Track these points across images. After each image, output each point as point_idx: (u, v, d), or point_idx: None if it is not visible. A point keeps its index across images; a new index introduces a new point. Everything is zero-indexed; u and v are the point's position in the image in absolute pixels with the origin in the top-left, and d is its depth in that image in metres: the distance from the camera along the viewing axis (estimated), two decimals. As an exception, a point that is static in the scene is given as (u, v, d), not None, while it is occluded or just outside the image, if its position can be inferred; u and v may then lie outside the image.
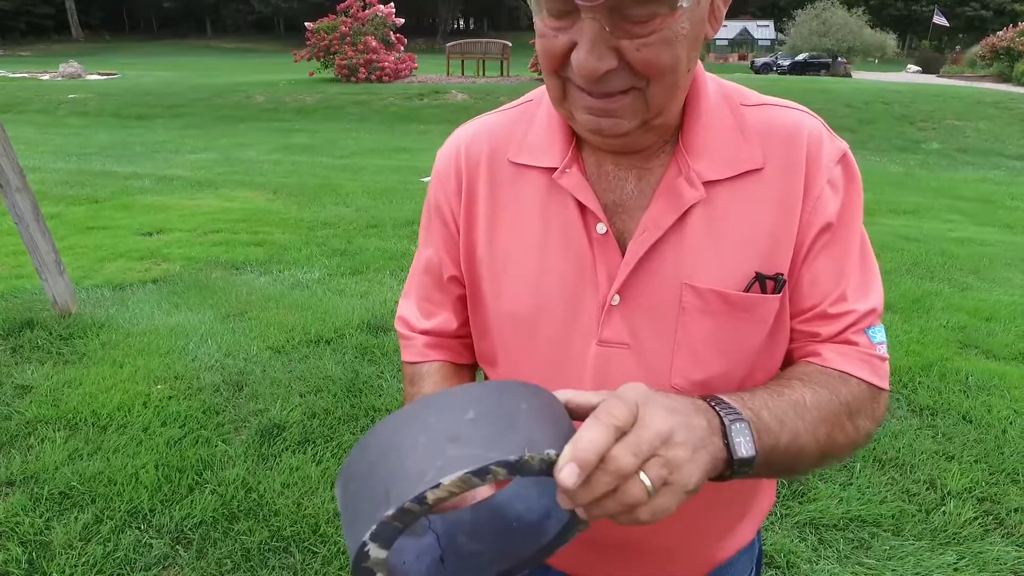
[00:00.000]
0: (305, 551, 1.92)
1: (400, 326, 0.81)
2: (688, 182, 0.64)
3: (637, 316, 0.65)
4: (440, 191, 0.75)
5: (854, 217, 0.67)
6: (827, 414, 0.61)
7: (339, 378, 2.86)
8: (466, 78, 17.18)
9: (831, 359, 0.65)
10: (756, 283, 0.64)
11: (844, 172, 0.66)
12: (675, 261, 0.64)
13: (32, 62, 30.31)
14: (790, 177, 0.64)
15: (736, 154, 0.64)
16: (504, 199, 0.71)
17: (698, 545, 0.76)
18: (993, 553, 1.94)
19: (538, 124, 0.70)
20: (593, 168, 0.68)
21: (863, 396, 0.64)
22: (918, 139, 11.38)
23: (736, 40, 52.45)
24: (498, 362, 0.74)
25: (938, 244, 5.24)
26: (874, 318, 0.67)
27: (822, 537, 2.01)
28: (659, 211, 0.64)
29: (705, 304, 0.64)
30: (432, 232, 0.77)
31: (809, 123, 0.66)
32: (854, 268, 0.67)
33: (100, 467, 2.23)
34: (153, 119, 12.57)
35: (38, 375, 2.82)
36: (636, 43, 0.54)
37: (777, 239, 0.64)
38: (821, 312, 0.66)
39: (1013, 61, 22.26)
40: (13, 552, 1.84)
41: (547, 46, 0.58)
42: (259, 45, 55.83)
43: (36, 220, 3.23)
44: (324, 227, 5.30)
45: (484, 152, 0.72)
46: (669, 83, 0.58)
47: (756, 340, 0.66)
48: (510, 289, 0.70)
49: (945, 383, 2.91)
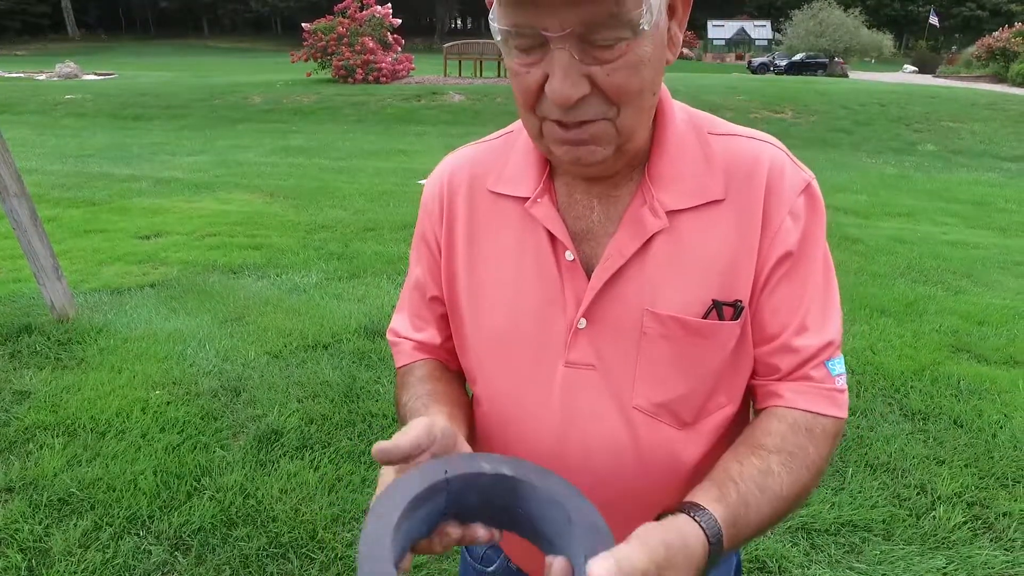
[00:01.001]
0: (303, 557, 1.94)
1: (391, 335, 0.85)
2: (652, 211, 0.67)
3: (602, 339, 0.68)
4: (426, 218, 0.80)
5: (815, 247, 0.69)
6: (798, 491, 0.65)
7: (336, 383, 2.87)
8: (463, 79, 17.18)
9: (793, 400, 0.68)
10: (713, 310, 0.67)
11: (807, 202, 0.68)
12: (637, 288, 0.67)
13: (28, 62, 30.23)
14: (749, 208, 0.67)
15: (700, 184, 0.67)
16: (483, 226, 0.75)
17: None
18: (982, 557, 1.96)
19: (516, 154, 0.74)
20: (564, 197, 0.71)
21: (828, 432, 0.68)
22: (913, 141, 11.42)
23: (733, 40, 52.54)
24: (476, 379, 0.78)
25: (932, 247, 5.28)
26: (833, 350, 0.69)
27: (814, 542, 2.03)
28: (623, 239, 0.67)
29: (665, 329, 0.67)
30: (420, 254, 0.81)
31: (771, 155, 0.68)
32: (815, 298, 0.69)
33: (99, 473, 2.24)
34: (150, 120, 12.55)
35: (36, 381, 2.84)
36: (605, 68, 0.57)
37: (736, 267, 0.67)
38: (782, 344, 0.68)
39: (1008, 61, 22.36)
40: (13, 559, 1.86)
41: (521, 84, 0.61)
42: (256, 45, 55.73)
43: (34, 225, 3.24)
44: (321, 230, 5.32)
45: (465, 181, 0.76)
46: (638, 106, 0.61)
47: (715, 363, 0.69)
48: (487, 311, 0.74)
49: (937, 387, 2.94)
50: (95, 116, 12.81)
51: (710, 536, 0.56)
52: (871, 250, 5.09)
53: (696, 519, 0.56)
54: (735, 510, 0.59)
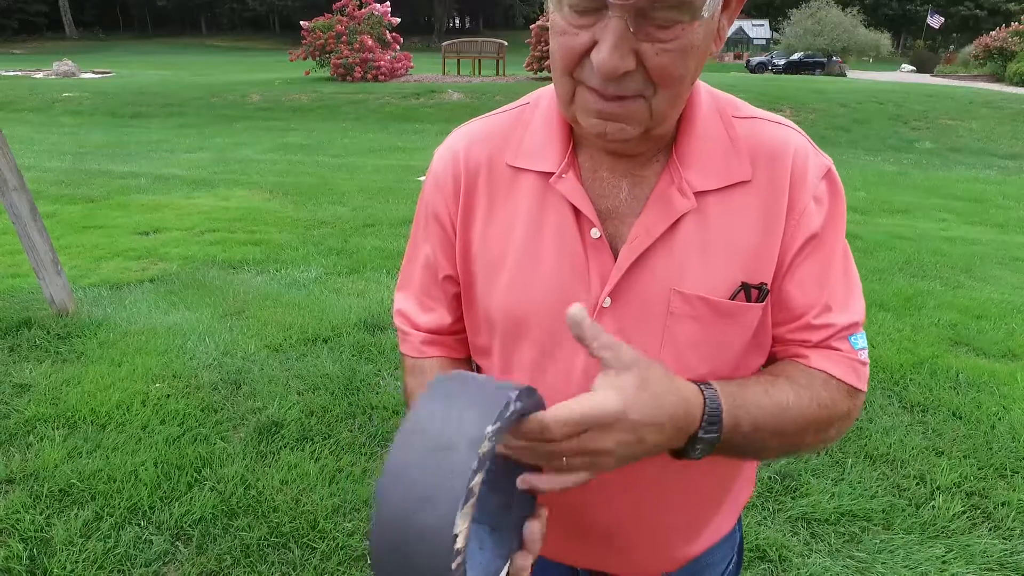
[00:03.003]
0: (304, 547, 1.95)
1: (399, 320, 0.83)
2: (680, 192, 0.66)
3: (627, 318, 0.68)
4: (437, 193, 0.76)
5: (838, 230, 0.70)
6: (803, 419, 0.65)
7: (337, 376, 2.88)
8: (462, 77, 17.17)
9: (816, 360, 0.69)
10: (741, 291, 0.67)
11: (829, 187, 0.69)
12: (664, 267, 0.67)
13: (25, 60, 30.15)
14: (775, 191, 0.67)
15: (726, 166, 0.67)
16: (501, 201, 0.72)
17: (681, 532, 0.79)
18: (980, 546, 1.97)
19: (534, 128, 0.72)
20: (589, 173, 0.70)
21: (842, 397, 0.68)
22: (911, 138, 11.44)
23: (731, 39, 52.52)
24: (492, 357, 0.77)
25: (930, 243, 5.29)
26: (856, 328, 0.70)
27: (814, 531, 2.04)
28: (651, 219, 0.67)
29: (692, 310, 0.67)
30: (429, 232, 0.78)
31: (796, 140, 0.69)
32: (838, 280, 0.69)
33: (99, 465, 2.24)
34: (148, 118, 12.53)
35: (36, 374, 2.83)
36: (656, 47, 0.56)
37: (761, 250, 0.67)
38: (806, 323, 0.69)
39: (1006, 61, 22.38)
40: (14, 549, 1.86)
41: (566, 44, 0.59)
42: (254, 44, 55.65)
43: (33, 219, 3.23)
44: (321, 226, 5.31)
45: (483, 156, 0.73)
46: (675, 93, 0.60)
47: (739, 345, 0.69)
48: (504, 288, 0.72)
49: (936, 380, 2.95)
50: (93, 114, 12.78)
51: (707, 397, 0.60)
52: (870, 246, 5.10)
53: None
54: (733, 392, 0.63)
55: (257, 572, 1.85)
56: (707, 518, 0.80)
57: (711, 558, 0.85)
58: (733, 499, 0.82)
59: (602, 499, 0.73)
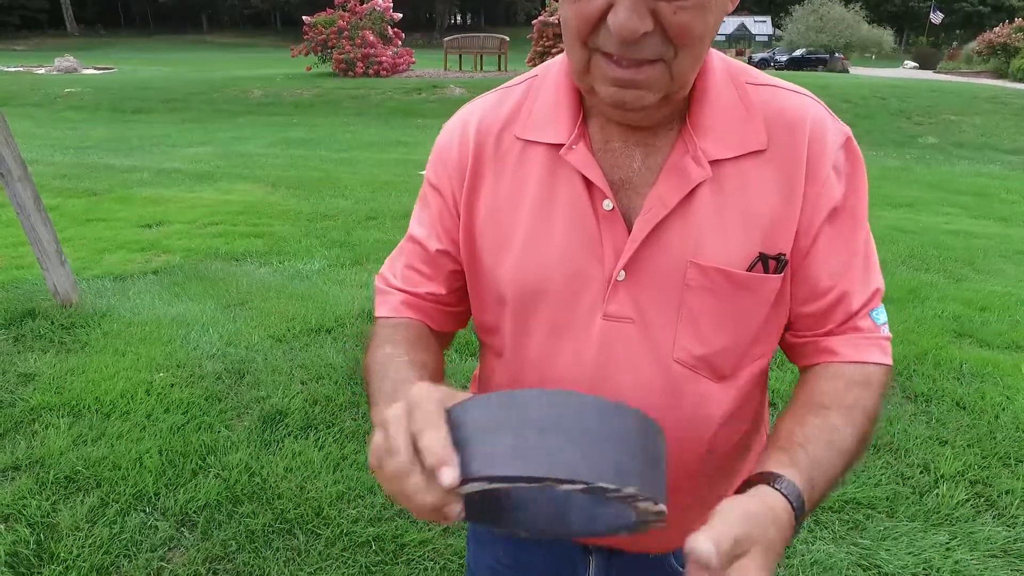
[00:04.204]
0: (309, 533, 1.95)
1: (379, 281, 0.80)
2: (695, 161, 0.65)
3: (642, 292, 0.67)
4: (440, 165, 0.75)
5: (859, 201, 0.68)
6: (863, 442, 0.65)
7: (340, 366, 2.88)
8: (464, 73, 17.15)
9: (847, 354, 0.68)
10: (759, 262, 0.66)
11: (847, 156, 0.68)
12: (680, 239, 0.65)
13: (27, 56, 30.14)
14: (793, 161, 0.65)
15: (742, 134, 0.65)
16: (510, 174, 0.71)
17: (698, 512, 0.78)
18: (984, 533, 1.97)
19: (543, 99, 0.70)
20: (600, 144, 0.68)
21: (879, 380, 0.68)
22: (915, 134, 11.41)
23: (733, 36, 52.37)
24: (500, 334, 0.75)
25: (934, 236, 5.28)
26: (877, 299, 0.70)
27: (818, 519, 2.04)
28: (666, 189, 0.65)
29: (709, 282, 0.66)
30: (429, 205, 0.76)
31: (813, 108, 0.67)
32: (859, 250, 0.69)
33: (104, 452, 2.25)
34: (150, 113, 12.53)
35: (41, 363, 2.84)
36: (674, 5, 0.55)
37: (779, 220, 0.66)
38: (835, 298, 0.68)
39: (1009, 57, 22.29)
40: (22, 533, 1.87)
41: (580, 10, 0.57)
42: (256, 40, 55.57)
43: (37, 210, 3.24)
44: (323, 219, 5.32)
45: (491, 128, 0.72)
46: (696, 54, 0.59)
47: (757, 317, 0.68)
48: (515, 263, 0.70)
49: (939, 371, 2.95)
50: (95, 109, 12.79)
51: (793, 501, 0.55)
52: (874, 239, 5.09)
53: (776, 487, 0.55)
54: (809, 472, 0.58)
55: (262, 558, 1.86)
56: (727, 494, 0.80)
57: None
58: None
59: None
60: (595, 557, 0.84)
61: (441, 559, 1.87)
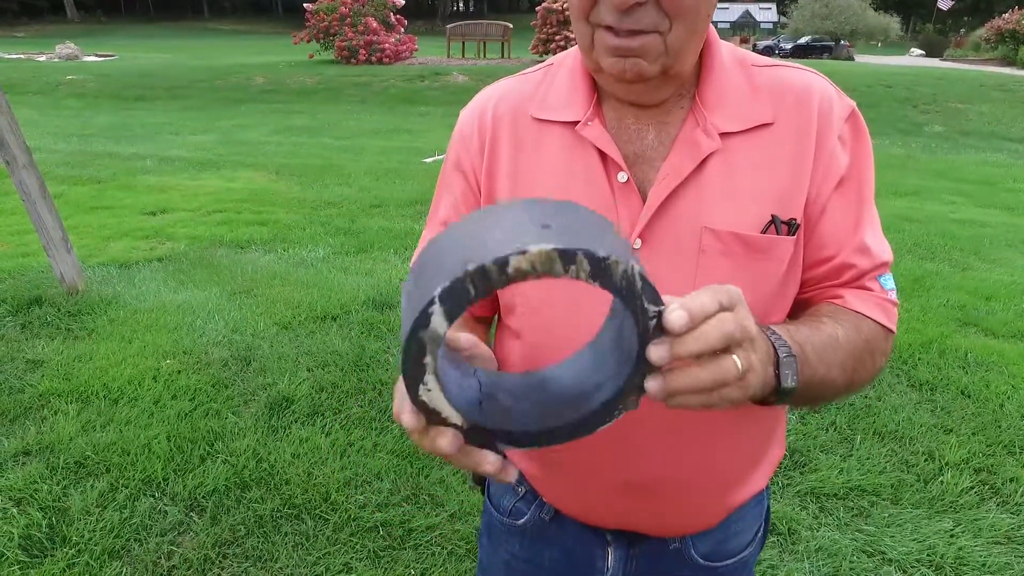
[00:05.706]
0: (316, 518, 1.97)
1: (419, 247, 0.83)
2: (705, 133, 0.68)
3: (658, 259, 0.68)
4: (462, 148, 0.78)
5: (866, 171, 0.71)
6: (854, 351, 0.66)
7: (346, 353, 2.89)
8: (467, 60, 17.04)
9: (851, 301, 0.70)
10: (772, 225, 0.68)
11: (852, 128, 0.71)
12: (694, 206, 0.68)
13: (27, 43, 29.99)
14: (801, 133, 0.68)
15: (748, 109, 0.69)
16: (527, 154, 0.74)
17: (719, 485, 0.79)
18: (988, 520, 1.98)
19: (559, 83, 0.74)
20: (614, 122, 0.72)
21: (878, 336, 0.70)
22: (921, 122, 11.33)
23: (738, 23, 51.91)
24: (516, 310, 0.77)
25: (939, 225, 5.26)
26: (885, 268, 0.72)
27: (823, 506, 2.05)
28: (678, 159, 0.68)
29: (724, 246, 0.68)
30: (452, 187, 0.80)
31: (819, 84, 0.71)
32: (868, 220, 0.71)
33: (113, 438, 2.27)
34: (153, 101, 12.49)
35: (48, 350, 2.86)
36: None
37: (790, 190, 0.68)
38: (840, 263, 0.70)
39: (1018, 44, 22.05)
40: (34, 517, 1.89)
41: None
42: (257, 27, 55.24)
43: (43, 197, 3.24)
44: (327, 207, 5.31)
45: (508, 111, 0.76)
46: (690, 26, 0.62)
47: (772, 282, 0.70)
48: None
49: (944, 359, 2.95)
50: (97, 97, 12.75)
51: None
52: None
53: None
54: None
55: (271, 542, 1.88)
56: (745, 470, 0.80)
57: (740, 524, 0.85)
58: (768, 457, 0.83)
59: (649, 446, 0.73)
60: (614, 548, 0.84)
61: (448, 544, 1.89)
